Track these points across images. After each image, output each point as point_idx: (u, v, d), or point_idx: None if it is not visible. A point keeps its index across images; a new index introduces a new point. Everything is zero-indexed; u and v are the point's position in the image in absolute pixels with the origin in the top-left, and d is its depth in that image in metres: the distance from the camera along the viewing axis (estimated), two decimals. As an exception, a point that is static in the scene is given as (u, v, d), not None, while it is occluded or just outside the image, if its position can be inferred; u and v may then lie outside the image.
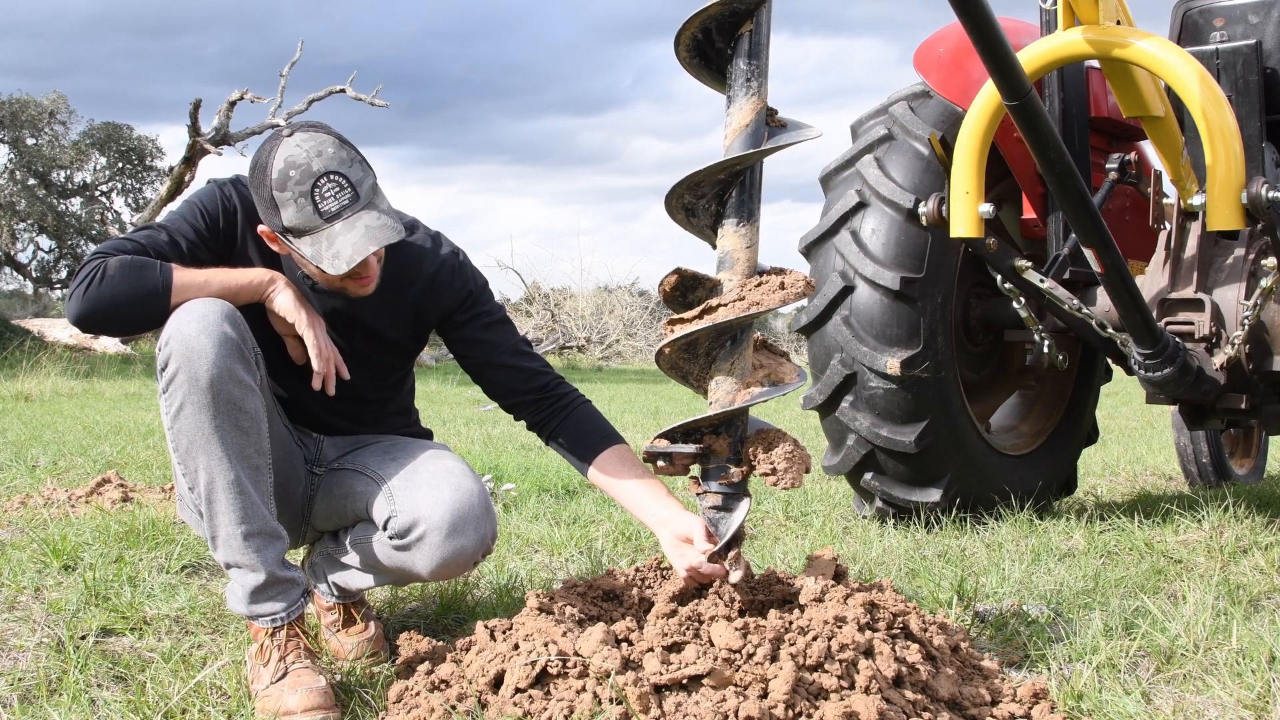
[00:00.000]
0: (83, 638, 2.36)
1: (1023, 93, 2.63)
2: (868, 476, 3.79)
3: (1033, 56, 3.21)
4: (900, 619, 1.98)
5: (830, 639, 1.83)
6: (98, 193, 25.82)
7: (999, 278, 3.40)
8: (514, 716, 1.75)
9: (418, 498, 2.13)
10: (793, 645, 1.81)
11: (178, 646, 2.31)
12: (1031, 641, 2.39)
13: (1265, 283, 3.23)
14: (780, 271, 2.03)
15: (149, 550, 3.18)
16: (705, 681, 1.73)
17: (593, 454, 2.28)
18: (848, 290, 3.64)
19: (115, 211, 24.92)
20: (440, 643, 2.11)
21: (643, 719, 1.68)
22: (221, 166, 18.95)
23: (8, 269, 25.51)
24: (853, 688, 1.77)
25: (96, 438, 6.44)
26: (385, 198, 2.08)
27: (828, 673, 1.78)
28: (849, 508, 4.14)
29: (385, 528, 2.15)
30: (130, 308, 2.00)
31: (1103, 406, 7.91)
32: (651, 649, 1.80)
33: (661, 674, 1.74)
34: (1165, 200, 3.61)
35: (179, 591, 2.75)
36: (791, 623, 1.88)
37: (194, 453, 1.96)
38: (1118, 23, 3.17)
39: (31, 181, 24.77)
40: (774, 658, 1.78)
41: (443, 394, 11.74)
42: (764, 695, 1.72)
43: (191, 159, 17.73)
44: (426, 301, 2.30)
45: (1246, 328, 3.29)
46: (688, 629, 1.87)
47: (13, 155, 24.18)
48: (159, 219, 2.16)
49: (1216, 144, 3.02)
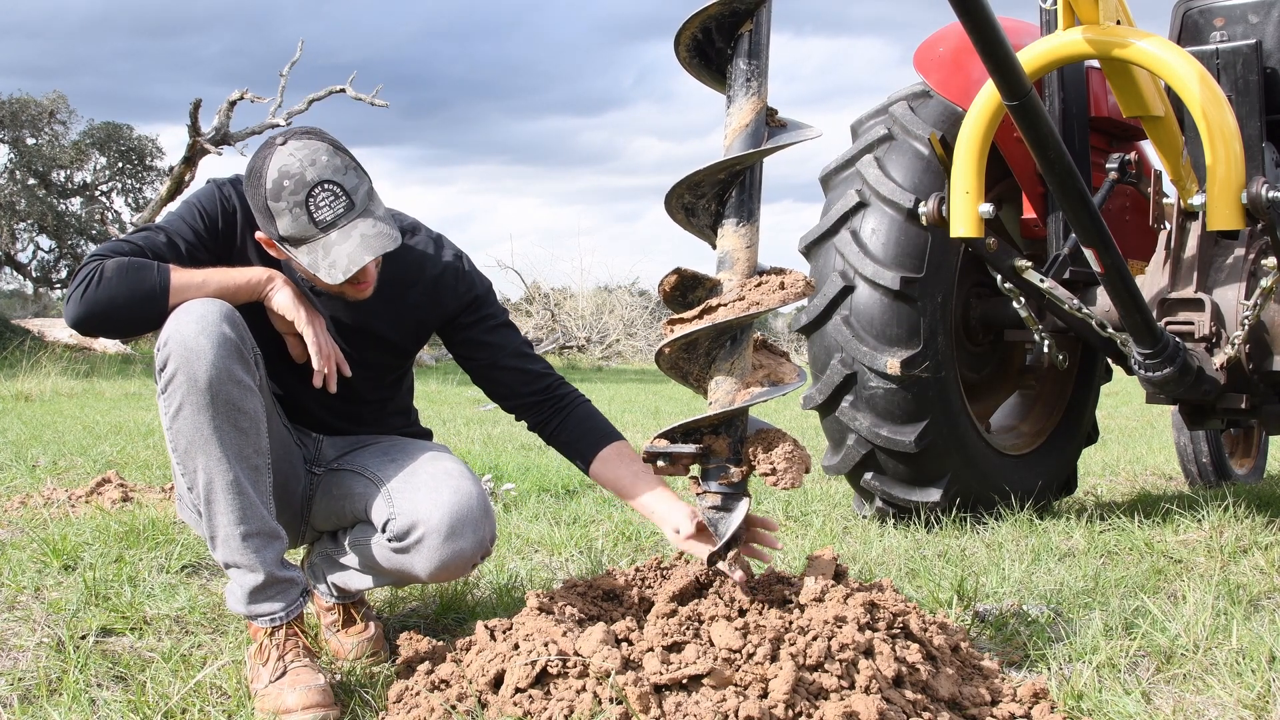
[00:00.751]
0: (83, 638, 2.36)
1: (1023, 92, 2.63)
2: (868, 476, 3.79)
3: (1033, 56, 3.21)
4: (900, 619, 1.98)
5: (830, 639, 1.83)
6: (98, 193, 25.82)
7: (999, 278, 3.40)
8: (514, 716, 1.75)
9: (416, 500, 2.13)
10: (793, 645, 1.81)
11: (178, 646, 2.31)
12: (1031, 641, 2.39)
13: (1265, 283, 3.23)
14: (780, 271, 2.02)
15: (149, 550, 3.18)
16: (705, 681, 1.73)
17: (594, 452, 2.30)
18: (848, 290, 3.64)
19: (115, 211, 24.92)
20: (440, 643, 2.11)
21: (643, 719, 1.68)
22: (221, 166, 18.96)
23: (8, 269, 25.50)
24: (853, 688, 1.77)
25: (96, 438, 6.45)
26: (381, 203, 2.08)
27: (828, 672, 1.78)
28: (849, 508, 4.14)
29: (384, 530, 2.15)
30: (128, 310, 1.99)
31: (1103, 406, 7.91)
32: (651, 649, 1.80)
33: (661, 674, 1.74)
34: (1165, 200, 3.61)
35: (179, 591, 2.75)
36: (791, 623, 1.88)
37: (193, 453, 1.96)
38: (1118, 23, 3.17)
39: (31, 181, 24.77)
40: (774, 658, 1.78)
41: (443, 394, 11.74)
42: (764, 695, 1.72)
43: (191, 159, 17.73)
44: (428, 304, 2.30)
45: (1246, 328, 3.29)
46: (688, 629, 1.87)
47: (13, 155, 24.18)
48: (157, 220, 2.15)
49: (1216, 144, 3.02)
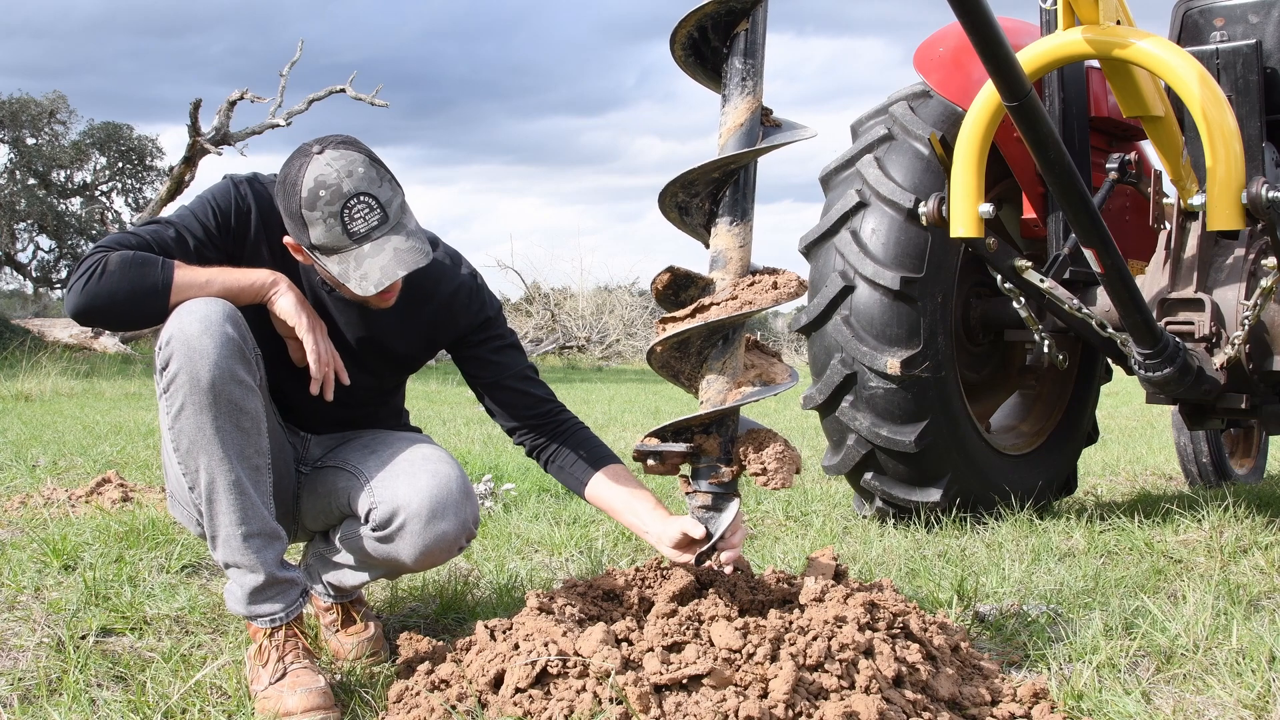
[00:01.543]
0: (83, 638, 2.36)
1: (1022, 93, 2.63)
2: (868, 476, 3.79)
3: (1033, 56, 3.21)
4: (900, 619, 1.98)
5: (830, 639, 1.83)
6: (98, 193, 25.82)
7: (999, 278, 3.40)
8: (514, 716, 1.75)
9: (395, 488, 2.14)
10: (793, 645, 1.81)
11: (178, 646, 2.31)
12: (1031, 641, 2.39)
13: (1265, 283, 3.23)
14: (773, 271, 2.02)
15: (149, 550, 3.18)
16: (705, 681, 1.73)
17: (589, 474, 2.31)
18: (848, 290, 3.64)
19: (115, 211, 24.92)
20: (440, 643, 2.11)
21: (643, 719, 1.68)
22: (221, 166, 18.95)
23: (8, 269, 25.51)
24: (853, 687, 1.77)
25: (96, 438, 6.45)
26: (413, 216, 2.08)
27: (828, 672, 1.78)
28: (849, 508, 4.14)
29: (367, 521, 2.17)
30: (129, 304, 1.98)
31: (1103, 406, 7.91)
32: (651, 649, 1.80)
33: (661, 674, 1.74)
34: (1165, 200, 3.61)
35: (179, 591, 2.75)
36: (791, 623, 1.88)
37: (194, 453, 1.96)
38: (1118, 23, 3.17)
39: (31, 181, 24.77)
40: (774, 657, 1.78)
41: (443, 394, 11.75)
42: (764, 695, 1.72)
43: (191, 159, 17.73)
44: (443, 320, 2.31)
45: (1246, 328, 3.29)
46: (688, 629, 1.87)
47: (13, 155, 24.18)
48: (168, 214, 2.13)
49: (1216, 144, 3.02)
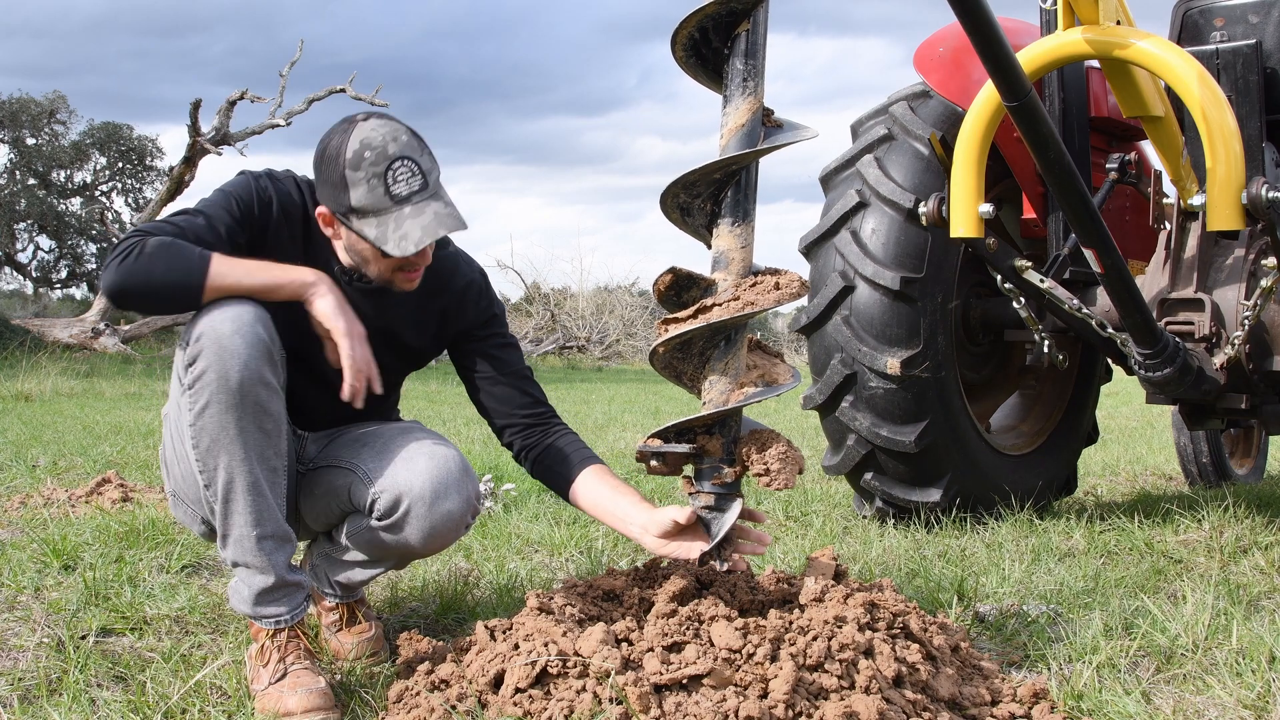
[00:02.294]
0: (83, 638, 2.36)
1: (1023, 93, 2.63)
2: (868, 476, 3.79)
3: (1033, 56, 3.21)
4: (900, 619, 1.98)
5: (830, 639, 1.83)
6: (98, 193, 25.82)
7: (999, 278, 3.40)
8: (514, 716, 1.75)
9: (395, 475, 2.15)
10: (793, 645, 1.81)
11: (178, 646, 2.31)
12: (1031, 641, 2.39)
13: (1265, 283, 3.23)
14: (775, 272, 2.02)
15: (149, 550, 3.18)
16: (705, 681, 1.73)
17: (574, 472, 2.30)
18: (848, 290, 3.64)
19: (115, 211, 24.93)
20: (440, 643, 2.11)
21: (643, 719, 1.68)
22: (221, 166, 18.97)
23: (8, 269, 25.52)
24: (853, 688, 1.77)
25: (96, 438, 6.45)
26: (447, 191, 2.09)
27: (828, 672, 1.78)
28: (849, 508, 4.14)
29: (371, 512, 2.17)
30: (164, 288, 1.96)
31: (1103, 406, 7.92)
32: (651, 649, 1.80)
33: (661, 674, 1.74)
34: (1165, 200, 3.60)
35: (179, 591, 2.75)
36: (791, 623, 1.88)
37: (215, 451, 1.96)
38: (1118, 23, 3.17)
39: (31, 181, 24.77)
40: (774, 658, 1.78)
41: (443, 394, 11.75)
42: (764, 695, 1.72)
43: (191, 159, 17.74)
44: (453, 313, 2.33)
45: (1246, 328, 3.29)
46: (688, 629, 1.86)
47: (13, 155, 24.19)
48: (196, 204, 2.12)
49: (1216, 144, 3.02)
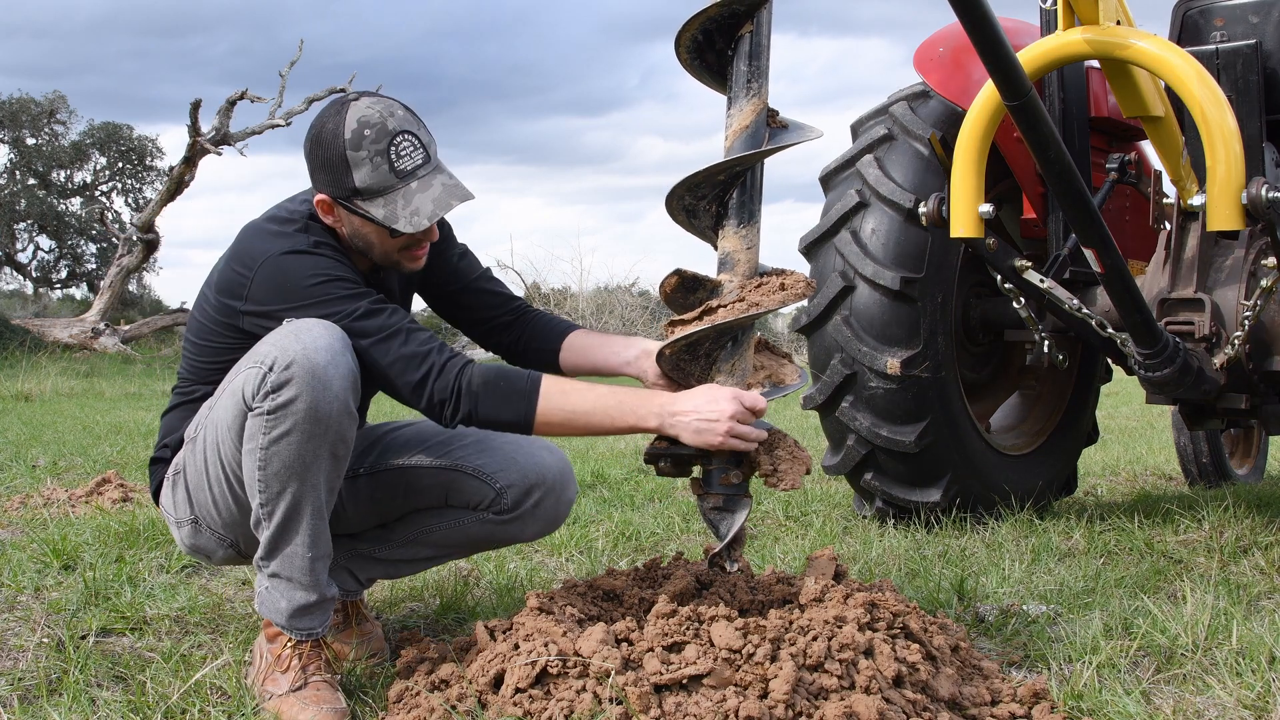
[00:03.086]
0: (83, 638, 2.36)
1: (1023, 93, 2.63)
2: (868, 476, 3.79)
3: (1033, 56, 3.21)
4: (900, 619, 1.98)
5: (830, 639, 1.83)
6: (98, 193, 25.83)
7: (999, 278, 3.40)
8: (514, 716, 1.75)
9: (522, 467, 2.24)
10: (793, 645, 1.81)
11: (178, 646, 2.31)
12: (1031, 641, 2.39)
13: (1265, 283, 3.23)
14: (781, 273, 2.02)
15: (149, 550, 3.19)
16: (705, 681, 1.73)
17: (558, 342, 2.36)
18: (848, 290, 3.64)
19: (115, 211, 24.94)
20: (440, 642, 2.11)
21: (643, 719, 1.68)
22: (221, 166, 18.99)
23: (8, 269, 25.53)
24: (853, 687, 1.78)
25: (96, 438, 6.45)
26: (445, 164, 2.09)
27: (828, 672, 1.78)
28: (849, 508, 4.14)
29: (488, 507, 2.25)
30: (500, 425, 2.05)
31: (1103, 406, 7.91)
32: (651, 649, 1.80)
33: (662, 674, 1.74)
34: (1165, 200, 3.60)
35: (179, 591, 2.75)
36: (792, 622, 1.88)
37: (286, 477, 1.94)
38: (1118, 23, 3.17)
39: (31, 181, 24.77)
40: (774, 658, 1.78)
41: (443, 394, 11.73)
42: (764, 695, 1.72)
43: (191, 159, 17.74)
44: None
45: (1246, 328, 3.29)
46: (688, 629, 1.86)
47: (13, 155, 24.19)
48: (345, 305, 2.01)
49: (1216, 144, 3.01)
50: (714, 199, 2.02)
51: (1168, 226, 3.60)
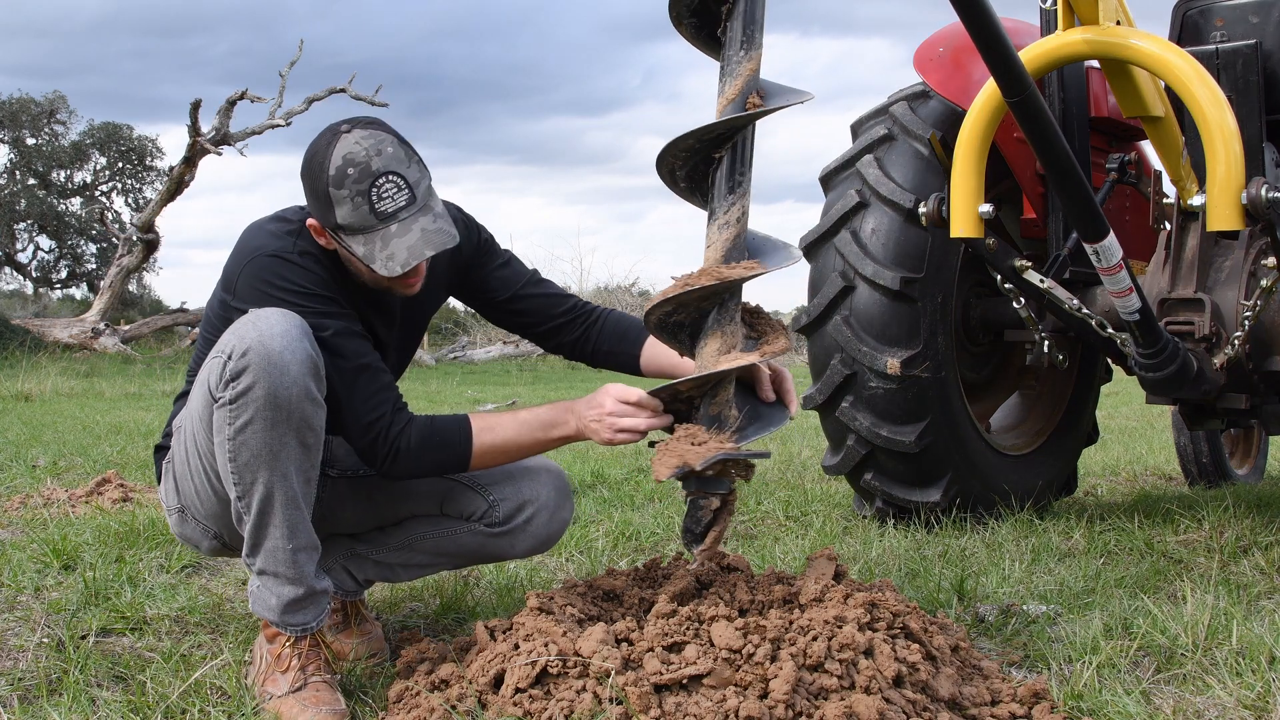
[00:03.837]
0: (83, 638, 2.36)
1: (1024, 88, 2.63)
2: (868, 476, 3.79)
3: (1033, 56, 3.21)
4: (900, 619, 1.98)
5: (830, 639, 1.83)
6: (98, 192, 25.84)
7: (999, 278, 3.40)
8: (514, 716, 1.75)
9: (517, 483, 2.27)
10: (793, 645, 1.81)
11: (178, 646, 2.31)
12: (1031, 641, 2.39)
13: (1265, 283, 3.23)
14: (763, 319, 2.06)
15: (149, 550, 3.19)
16: (705, 681, 1.73)
17: (639, 346, 2.39)
18: (848, 290, 3.64)
19: (115, 211, 24.95)
20: (440, 642, 2.11)
21: (643, 719, 1.68)
22: (221, 167, 19.01)
23: (8, 269, 25.54)
24: (853, 687, 1.78)
25: (96, 438, 6.45)
26: (438, 198, 2.08)
27: (828, 672, 1.78)
28: (849, 508, 4.14)
29: (479, 519, 2.28)
30: (436, 472, 2.15)
31: (1103, 406, 7.91)
32: (651, 649, 1.80)
33: (662, 674, 1.74)
34: (1165, 200, 3.60)
35: (179, 591, 2.75)
36: (792, 623, 1.88)
37: (255, 466, 1.94)
38: (1118, 23, 3.17)
39: (31, 181, 24.78)
40: (774, 658, 1.78)
41: (443, 394, 11.75)
42: (764, 695, 1.72)
43: (191, 159, 17.74)
44: (448, 261, 2.32)
45: (1246, 328, 3.29)
46: (688, 629, 1.87)
47: (13, 155, 24.21)
48: (328, 327, 2.04)
49: (1216, 144, 3.01)
50: (701, 160, 2.02)
51: (1168, 226, 3.60)
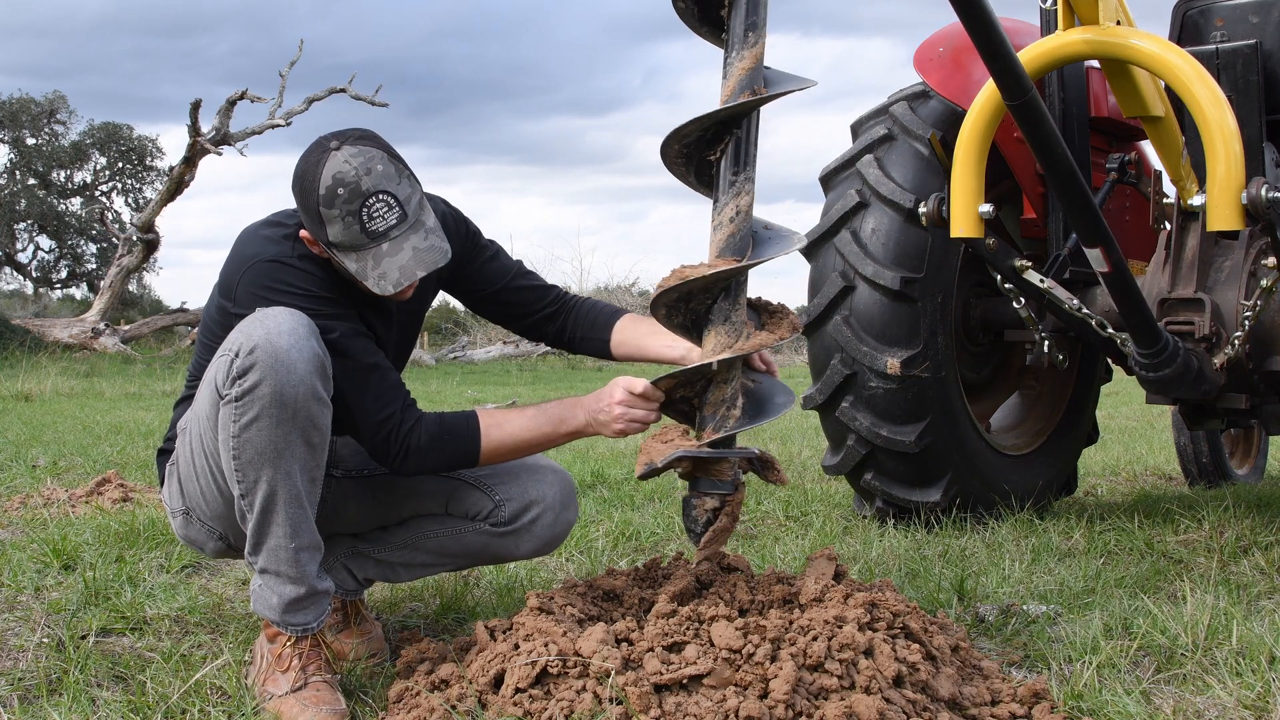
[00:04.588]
0: (83, 638, 2.36)
1: (1024, 93, 2.63)
2: (868, 476, 3.79)
3: (1033, 56, 3.21)
4: (900, 619, 1.98)
5: (830, 639, 1.83)
6: (98, 192, 25.84)
7: (999, 278, 3.40)
8: (514, 716, 1.75)
9: (523, 484, 2.29)
10: (793, 645, 1.81)
11: (178, 646, 2.31)
12: (1031, 641, 2.39)
13: (1265, 283, 3.23)
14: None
15: (149, 550, 3.19)
16: (706, 681, 1.73)
17: (608, 330, 2.41)
18: (848, 290, 3.64)
19: (115, 211, 24.96)
20: (440, 642, 2.11)
21: (643, 719, 1.68)
22: (221, 167, 19.00)
23: (8, 269, 25.54)
24: (853, 687, 1.78)
25: (96, 438, 6.45)
26: (430, 211, 2.07)
27: (828, 672, 1.78)
28: (849, 508, 4.14)
29: (485, 518, 2.29)
30: (448, 467, 2.18)
31: (1103, 406, 7.90)
32: (652, 649, 1.80)
33: (662, 674, 1.74)
34: (1165, 200, 3.60)
35: (179, 591, 2.75)
36: (792, 623, 1.88)
37: (259, 464, 1.94)
38: (1118, 23, 3.17)
39: (31, 181, 24.78)
40: (774, 658, 1.78)
41: (443, 394, 11.75)
42: (764, 695, 1.72)
43: (191, 159, 17.74)
44: None
45: (1246, 328, 3.29)
46: (688, 629, 1.87)
47: (13, 155, 24.21)
48: (334, 326, 2.05)
49: (1216, 144, 3.01)
50: (707, 149, 2.02)
51: (1168, 226, 3.60)
